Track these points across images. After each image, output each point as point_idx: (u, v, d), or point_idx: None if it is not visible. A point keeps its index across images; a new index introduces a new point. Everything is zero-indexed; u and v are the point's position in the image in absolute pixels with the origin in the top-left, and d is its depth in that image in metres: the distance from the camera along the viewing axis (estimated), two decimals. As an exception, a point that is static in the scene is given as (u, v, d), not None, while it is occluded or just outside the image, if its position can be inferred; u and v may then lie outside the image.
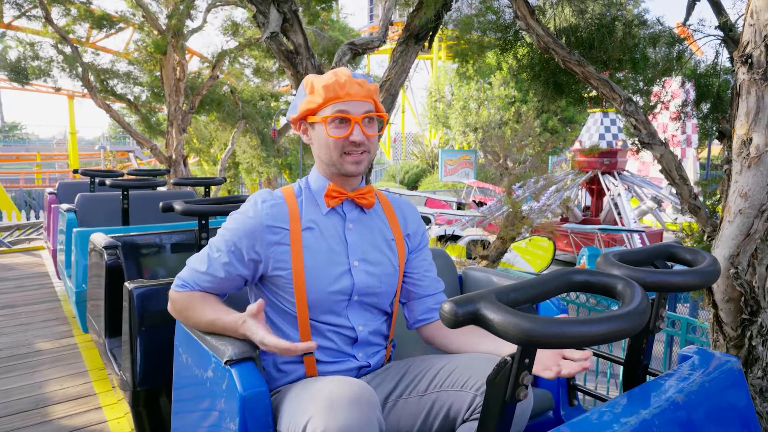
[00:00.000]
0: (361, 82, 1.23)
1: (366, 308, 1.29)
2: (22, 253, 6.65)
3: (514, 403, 0.84)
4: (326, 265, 1.23)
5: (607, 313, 0.76)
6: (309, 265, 1.22)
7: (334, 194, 1.26)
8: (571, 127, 18.73)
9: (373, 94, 1.25)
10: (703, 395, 1.08)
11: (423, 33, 4.37)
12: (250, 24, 9.27)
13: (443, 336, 1.32)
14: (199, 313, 1.25)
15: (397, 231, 1.35)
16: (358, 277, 1.26)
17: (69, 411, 2.62)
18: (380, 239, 1.32)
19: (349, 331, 1.27)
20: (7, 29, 9.07)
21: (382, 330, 1.33)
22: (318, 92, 1.22)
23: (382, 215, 1.36)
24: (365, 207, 1.30)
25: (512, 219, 5.52)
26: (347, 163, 1.24)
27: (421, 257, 1.39)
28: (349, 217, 1.29)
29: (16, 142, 37.32)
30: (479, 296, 0.78)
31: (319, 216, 1.27)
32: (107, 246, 2.39)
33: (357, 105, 1.22)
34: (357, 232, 1.29)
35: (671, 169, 2.58)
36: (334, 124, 1.22)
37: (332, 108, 1.21)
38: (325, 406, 0.96)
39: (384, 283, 1.29)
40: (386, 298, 1.31)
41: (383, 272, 1.29)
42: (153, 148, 9.10)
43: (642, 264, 1.14)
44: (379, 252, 1.30)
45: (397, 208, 1.39)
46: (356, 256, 1.27)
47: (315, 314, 1.24)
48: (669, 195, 11.41)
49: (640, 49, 3.12)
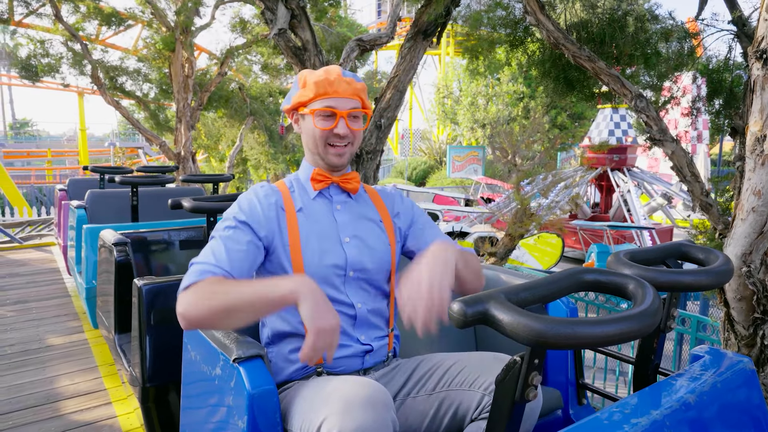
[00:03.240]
0: (350, 80, 1.33)
1: (363, 286, 1.32)
2: (34, 249, 6.71)
3: (523, 403, 0.83)
4: (319, 241, 1.29)
5: (619, 314, 0.75)
6: (304, 242, 1.28)
7: (320, 178, 1.36)
8: (580, 123, 18.59)
9: (359, 92, 1.34)
10: (715, 396, 1.07)
11: (431, 29, 4.34)
12: (258, 20, 9.27)
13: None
14: (224, 291, 1.10)
15: (384, 213, 1.42)
16: (350, 251, 1.31)
17: (80, 406, 2.65)
18: (368, 221, 1.39)
19: (348, 308, 1.29)
20: (18, 27, 9.14)
21: (382, 310, 1.35)
22: (310, 87, 1.32)
23: (368, 200, 1.43)
24: (351, 192, 1.39)
25: (521, 216, 5.49)
26: (330, 154, 1.33)
27: (416, 227, 1.44)
28: (336, 199, 1.38)
29: (27, 138, 37.63)
30: (488, 296, 0.77)
31: (308, 200, 1.35)
32: (117, 242, 2.40)
33: (344, 101, 1.31)
34: (345, 212, 1.37)
35: (683, 166, 2.55)
36: (322, 117, 1.31)
37: (321, 102, 1.31)
38: (340, 407, 0.96)
39: (376, 259, 1.33)
40: (381, 274, 1.35)
41: (374, 248, 1.34)
42: (162, 145, 9.14)
43: (653, 263, 1.13)
44: (370, 229, 1.37)
45: (382, 194, 1.47)
46: (347, 233, 1.33)
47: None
48: (679, 192, 11.30)
49: (651, 44, 3.08)
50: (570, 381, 1.66)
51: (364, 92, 1.36)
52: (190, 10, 8.32)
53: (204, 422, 1.35)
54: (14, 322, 3.88)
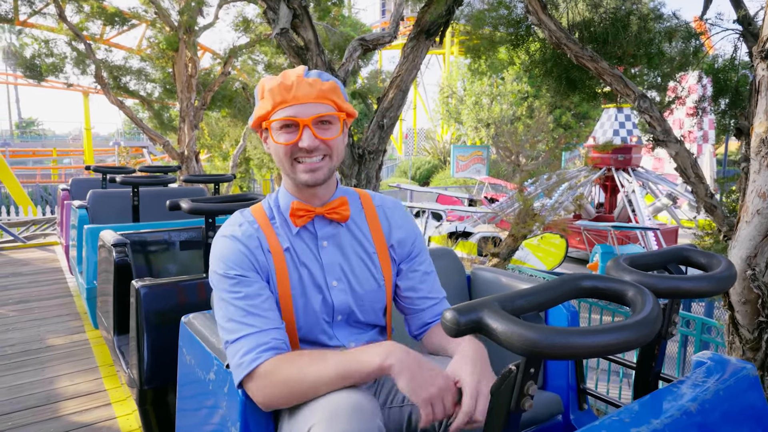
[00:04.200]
0: (313, 81, 1.13)
1: (353, 325, 1.23)
2: (37, 249, 6.73)
3: (519, 413, 0.81)
4: (305, 287, 1.17)
5: (617, 323, 0.73)
6: (293, 288, 1.16)
7: (300, 213, 1.17)
8: (584, 122, 18.52)
9: (327, 94, 1.14)
10: (718, 403, 1.05)
11: (434, 28, 4.32)
12: (261, 20, 9.27)
13: (429, 343, 1.27)
14: (299, 378, 1.00)
15: (380, 242, 1.24)
16: (337, 297, 1.18)
17: (79, 407, 2.64)
18: (360, 253, 1.22)
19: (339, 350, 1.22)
20: (22, 26, 9.17)
21: (376, 340, 1.27)
22: (267, 97, 1.14)
23: (362, 226, 1.24)
24: (339, 221, 1.21)
25: (524, 216, 5.46)
26: (300, 172, 1.14)
27: (411, 269, 1.27)
28: (321, 234, 1.20)
29: (32, 137, 37.82)
30: (482, 304, 0.75)
31: (291, 237, 1.18)
32: (116, 243, 2.40)
33: (306, 108, 1.11)
34: (332, 249, 1.20)
35: (686, 167, 2.52)
36: (282, 130, 1.13)
37: (280, 113, 1.12)
38: (326, 416, 0.94)
39: (367, 300, 1.21)
40: (373, 314, 1.24)
41: (365, 289, 1.21)
42: (165, 145, 9.16)
43: (654, 268, 1.11)
44: (360, 268, 1.21)
45: (381, 213, 1.27)
46: (334, 275, 1.19)
47: (304, 336, 1.20)
48: (684, 192, 11.23)
49: (655, 43, 3.05)
50: (571, 386, 1.64)
51: (334, 92, 1.15)
52: (194, 9, 8.32)
53: (199, 426, 1.34)
54: (16, 322, 3.89)
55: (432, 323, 1.28)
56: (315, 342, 1.20)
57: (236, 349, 1.06)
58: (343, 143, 1.20)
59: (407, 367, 0.95)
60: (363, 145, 4.40)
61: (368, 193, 1.31)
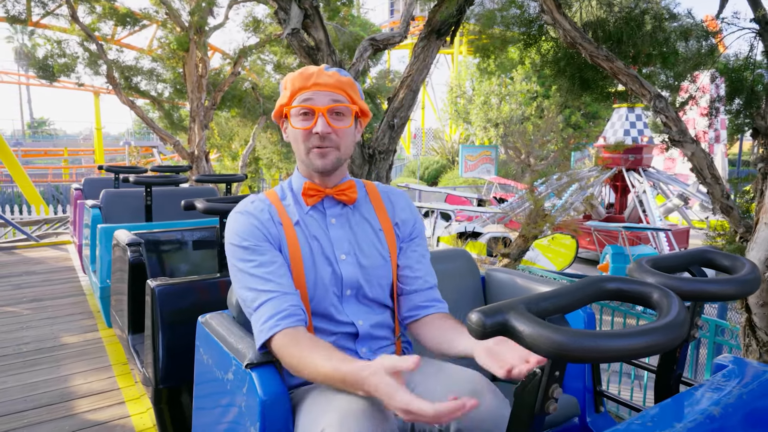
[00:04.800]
0: (332, 73, 1.22)
1: (362, 302, 1.27)
2: (50, 248, 6.79)
3: (543, 416, 0.81)
4: (315, 259, 1.23)
5: (645, 326, 0.72)
6: (305, 258, 1.22)
7: (311, 192, 1.26)
8: (594, 122, 18.40)
9: (344, 86, 1.22)
10: (741, 407, 1.03)
11: (445, 28, 4.31)
12: (271, 20, 9.29)
13: (423, 333, 1.27)
14: (310, 363, 1.07)
15: (385, 221, 1.32)
16: (345, 270, 1.24)
17: (93, 405, 2.66)
18: (367, 231, 1.29)
19: (349, 327, 1.25)
20: (35, 27, 9.26)
21: (386, 322, 1.30)
22: (288, 87, 1.24)
23: (368, 207, 1.33)
24: (346, 203, 1.29)
25: (534, 217, 5.43)
26: (313, 157, 1.22)
27: (410, 248, 1.33)
28: (329, 213, 1.28)
29: (44, 137, 38.21)
30: (508, 306, 0.75)
31: (302, 214, 1.27)
32: (130, 243, 2.41)
33: (323, 95, 1.20)
34: (340, 225, 1.28)
35: (703, 167, 2.49)
36: (300, 116, 1.22)
37: (298, 99, 1.21)
38: (337, 419, 0.95)
39: (374, 275, 1.26)
40: (380, 290, 1.28)
41: (372, 264, 1.27)
42: (176, 144, 9.21)
43: (676, 270, 1.10)
44: (367, 244, 1.28)
45: (386, 197, 1.36)
46: (342, 249, 1.25)
47: (315, 307, 1.23)
48: (696, 192, 11.12)
49: (670, 43, 3.02)
50: (587, 388, 1.63)
51: (351, 87, 1.24)
52: (204, 10, 8.36)
53: (216, 425, 1.34)
54: (30, 320, 3.92)
55: (423, 309, 1.29)
56: (326, 315, 1.24)
57: (258, 317, 1.15)
58: (352, 137, 1.27)
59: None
60: (373, 145, 4.40)
61: (374, 184, 1.40)
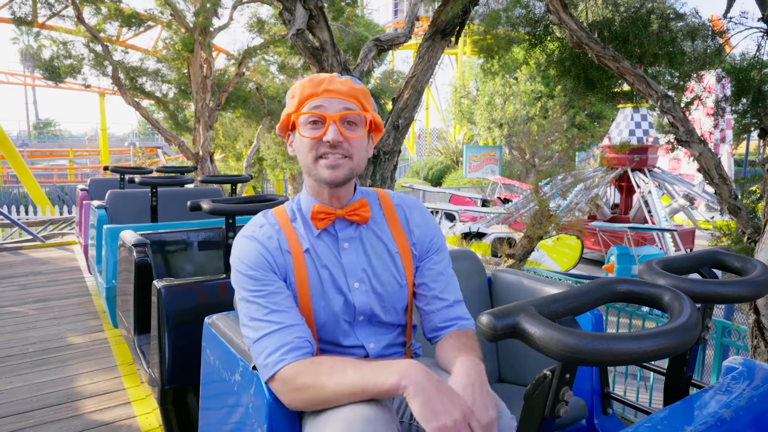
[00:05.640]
0: (345, 80, 1.15)
1: (375, 325, 1.22)
2: (55, 248, 6.82)
3: (553, 419, 0.80)
4: (325, 287, 1.16)
5: (657, 329, 0.71)
6: (312, 289, 1.16)
7: (321, 216, 1.17)
8: (599, 122, 18.35)
9: (357, 94, 1.15)
10: (753, 410, 1.02)
11: (450, 28, 4.31)
12: (275, 21, 9.31)
13: (438, 356, 1.22)
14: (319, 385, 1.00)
15: (401, 242, 1.23)
16: (359, 299, 1.18)
17: (99, 405, 2.67)
18: (382, 254, 1.21)
19: (359, 350, 1.21)
20: (41, 29, 9.31)
21: (397, 341, 1.27)
22: (296, 94, 1.16)
23: (383, 226, 1.24)
24: (359, 223, 1.20)
25: (539, 217, 5.42)
26: (321, 168, 1.13)
27: (427, 266, 1.25)
28: (342, 236, 1.19)
29: (50, 138, 38.38)
30: (518, 308, 0.74)
31: (312, 239, 1.18)
32: (136, 243, 2.42)
33: (335, 102, 1.13)
34: (353, 250, 1.19)
35: (710, 168, 2.48)
36: (309, 125, 1.13)
37: (308, 106, 1.13)
38: (341, 427, 0.94)
39: (389, 301, 1.21)
40: (394, 313, 1.23)
41: (387, 291, 1.20)
42: (180, 145, 9.24)
43: (687, 272, 1.09)
44: (382, 269, 1.20)
45: (401, 212, 1.27)
46: (355, 277, 1.18)
47: (323, 335, 1.20)
48: (702, 193, 11.07)
49: (677, 43, 3.01)
50: (595, 390, 1.62)
51: (363, 95, 1.16)
52: (209, 10, 8.39)
53: (223, 426, 1.34)
54: (36, 320, 3.94)
55: (443, 329, 1.22)
56: (334, 341, 1.20)
57: (261, 349, 1.07)
58: (364, 148, 1.19)
59: (422, 391, 0.90)
60: (378, 146, 4.39)
61: (386, 193, 1.30)
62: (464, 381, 0.98)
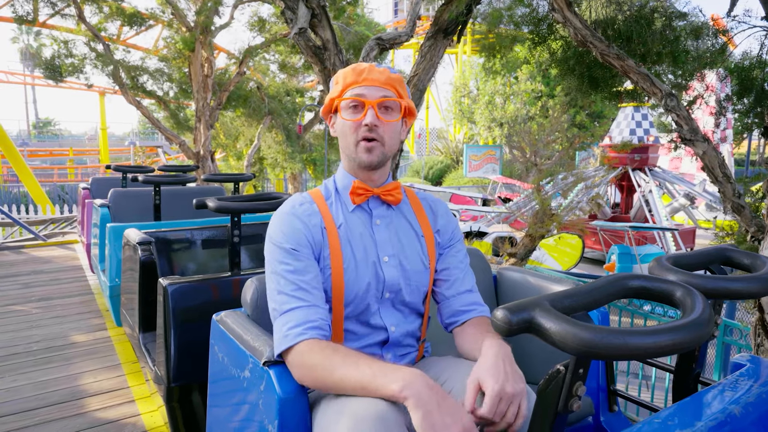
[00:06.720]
0: (383, 70, 1.24)
1: (398, 308, 1.27)
2: (57, 247, 6.82)
3: (566, 414, 0.80)
4: (357, 260, 1.22)
5: (671, 324, 0.72)
6: (346, 264, 1.21)
7: (360, 191, 1.26)
8: (599, 122, 18.36)
9: (394, 83, 1.24)
10: (762, 406, 1.03)
11: (452, 27, 4.30)
12: (276, 20, 9.31)
13: (459, 344, 1.27)
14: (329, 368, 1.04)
15: (426, 227, 1.32)
16: (388, 272, 1.24)
17: (103, 404, 2.67)
18: (410, 234, 1.30)
19: (381, 332, 1.25)
20: (42, 28, 9.31)
21: (414, 331, 1.31)
22: (340, 81, 1.26)
23: (410, 211, 1.33)
24: (392, 203, 1.29)
25: (541, 216, 5.42)
26: (360, 151, 1.23)
27: (450, 254, 1.34)
28: (375, 213, 1.28)
29: (50, 137, 38.38)
30: (533, 303, 0.74)
31: (346, 213, 1.27)
32: (141, 242, 2.42)
33: (374, 90, 1.22)
34: (385, 227, 1.28)
35: (714, 166, 2.48)
36: (350, 109, 1.23)
37: (350, 92, 1.23)
38: (349, 425, 0.94)
39: (414, 280, 1.26)
40: (417, 296, 1.28)
41: (413, 269, 1.27)
42: (181, 144, 9.24)
43: (696, 268, 1.09)
44: (409, 248, 1.28)
45: (426, 204, 1.36)
46: (386, 251, 1.25)
47: (349, 312, 1.23)
48: (702, 192, 11.08)
49: (680, 41, 3.01)
50: (601, 387, 1.62)
51: (400, 84, 1.26)
52: (210, 10, 8.39)
53: (232, 423, 1.34)
54: (39, 319, 3.94)
55: (463, 314, 1.29)
56: (360, 319, 1.24)
57: (285, 321, 1.12)
58: (398, 132, 1.28)
59: (425, 404, 0.91)
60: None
61: (411, 189, 1.40)
62: (494, 357, 1.00)
